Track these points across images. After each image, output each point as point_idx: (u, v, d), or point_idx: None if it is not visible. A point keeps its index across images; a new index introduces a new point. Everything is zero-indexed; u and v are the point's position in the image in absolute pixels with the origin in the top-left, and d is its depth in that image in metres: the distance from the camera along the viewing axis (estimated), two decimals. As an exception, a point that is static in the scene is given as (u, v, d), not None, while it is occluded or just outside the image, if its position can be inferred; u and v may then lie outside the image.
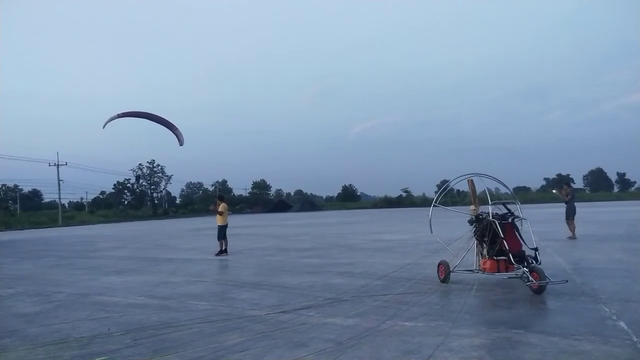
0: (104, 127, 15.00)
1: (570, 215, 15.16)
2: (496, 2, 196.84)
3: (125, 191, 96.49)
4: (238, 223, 37.87)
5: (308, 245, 16.95)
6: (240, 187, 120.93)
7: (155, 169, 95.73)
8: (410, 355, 4.45)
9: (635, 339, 4.66)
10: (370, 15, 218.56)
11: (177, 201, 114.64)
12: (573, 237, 14.78)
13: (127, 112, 15.33)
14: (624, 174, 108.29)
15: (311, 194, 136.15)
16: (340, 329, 5.46)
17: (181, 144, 16.78)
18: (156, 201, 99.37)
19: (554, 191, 17.53)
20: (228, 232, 15.07)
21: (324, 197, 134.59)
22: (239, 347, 4.91)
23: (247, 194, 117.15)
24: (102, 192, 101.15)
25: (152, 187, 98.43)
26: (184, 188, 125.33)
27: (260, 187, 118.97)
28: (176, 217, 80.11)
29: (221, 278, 10.31)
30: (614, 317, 5.52)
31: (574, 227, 15.06)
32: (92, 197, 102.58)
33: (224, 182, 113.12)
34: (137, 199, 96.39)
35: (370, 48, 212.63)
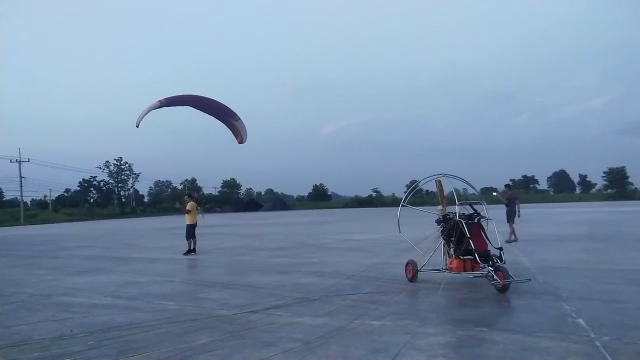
0: (137, 126, 11.37)
1: (510, 217, 15.08)
2: (466, 7, 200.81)
3: (92, 189, 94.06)
4: (207, 222, 37.42)
5: (278, 245, 16.92)
6: (210, 186, 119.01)
7: (122, 167, 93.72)
8: (377, 354, 4.50)
9: (593, 336, 4.83)
10: (343, 17, 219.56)
11: (145, 199, 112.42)
12: (514, 240, 14.54)
13: (170, 98, 11.23)
14: (585, 176, 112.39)
15: (282, 193, 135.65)
16: (309, 329, 5.48)
17: (241, 142, 13.00)
18: (123, 199, 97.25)
19: (494, 194, 17.42)
20: (197, 231, 14.89)
21: (295, 196, 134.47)
22: (207, 347, 4.87)
23: (217, 193, 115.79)
24: (67, 190, 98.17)
25: (120, 185, 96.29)
26: (152, 186, 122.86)
27: (231, 185, 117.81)
28: (144, 215, 78.63)
29: (190, 278, 10.18)
30: (574, 315, 5.71)
31: (513, 230, 14.87)
32: (57, 195, 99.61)
33: (193, 180, 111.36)
34: (104, 197, 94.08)
35: (341, 49, 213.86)
